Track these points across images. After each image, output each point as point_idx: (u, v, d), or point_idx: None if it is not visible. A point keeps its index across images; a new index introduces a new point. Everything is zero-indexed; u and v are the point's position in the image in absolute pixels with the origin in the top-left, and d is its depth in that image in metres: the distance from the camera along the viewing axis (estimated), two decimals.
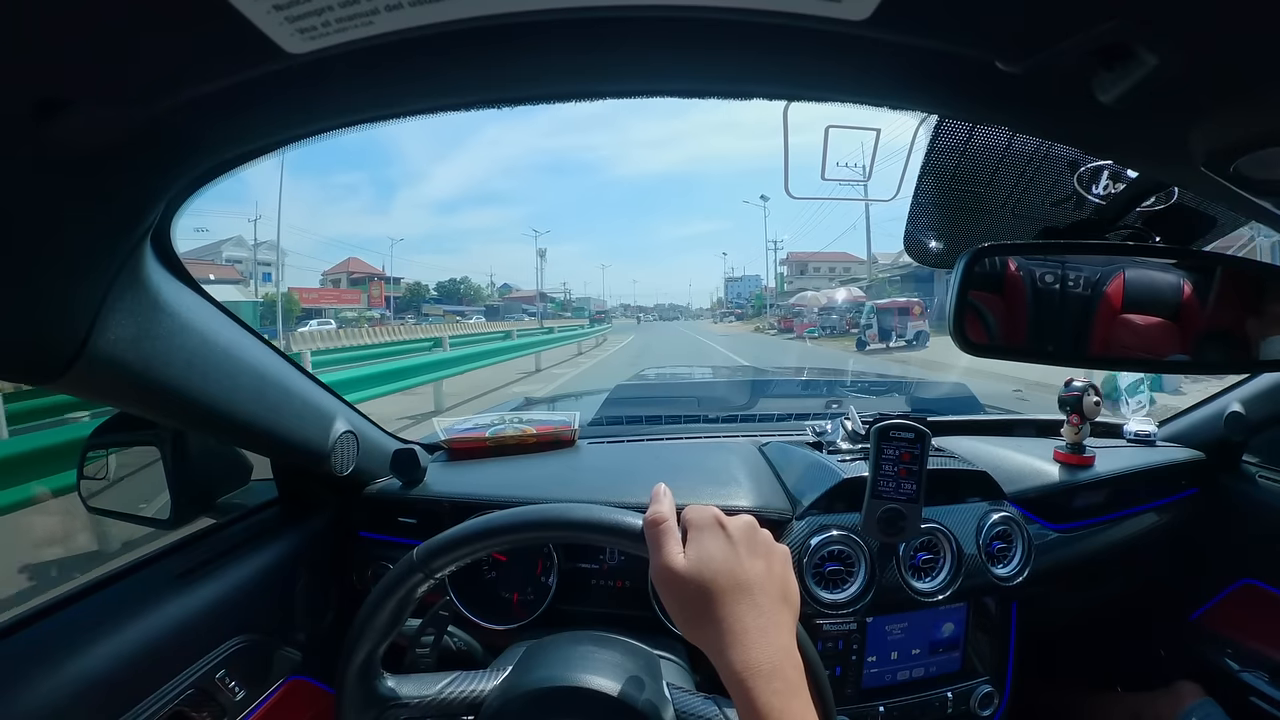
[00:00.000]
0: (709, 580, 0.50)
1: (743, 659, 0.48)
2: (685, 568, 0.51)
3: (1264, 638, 1.21)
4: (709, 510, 0.55)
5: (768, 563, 0.53)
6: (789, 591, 0.54)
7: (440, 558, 0.60)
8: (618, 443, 1.30)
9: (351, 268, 62.46)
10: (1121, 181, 0.61)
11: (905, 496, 0.95)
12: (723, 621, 0.49)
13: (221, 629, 0.74)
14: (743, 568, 0.51)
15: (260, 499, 0.97)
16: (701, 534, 0.53)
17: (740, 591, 0.50)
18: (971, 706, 1.03)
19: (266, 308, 30.37)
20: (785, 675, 0.48)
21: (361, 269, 63.29)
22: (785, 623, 0.51)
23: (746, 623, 0.49)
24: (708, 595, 0.50)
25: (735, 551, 0.52)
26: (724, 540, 0.53)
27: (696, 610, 0.50)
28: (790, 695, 0.47)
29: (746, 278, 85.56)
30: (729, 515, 0.55)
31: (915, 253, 0.82)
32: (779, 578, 0.53)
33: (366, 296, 55.40)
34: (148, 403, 0.58)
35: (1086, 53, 0.27)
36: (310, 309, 45.87)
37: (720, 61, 0.33)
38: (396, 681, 0.64)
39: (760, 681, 0.47)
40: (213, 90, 0.29)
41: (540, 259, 79.89)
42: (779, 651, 0.49)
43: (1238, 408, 1.23)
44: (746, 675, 0.47)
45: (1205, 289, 0.61)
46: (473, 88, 0.34)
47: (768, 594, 0.51)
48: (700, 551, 0.52)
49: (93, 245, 0.42)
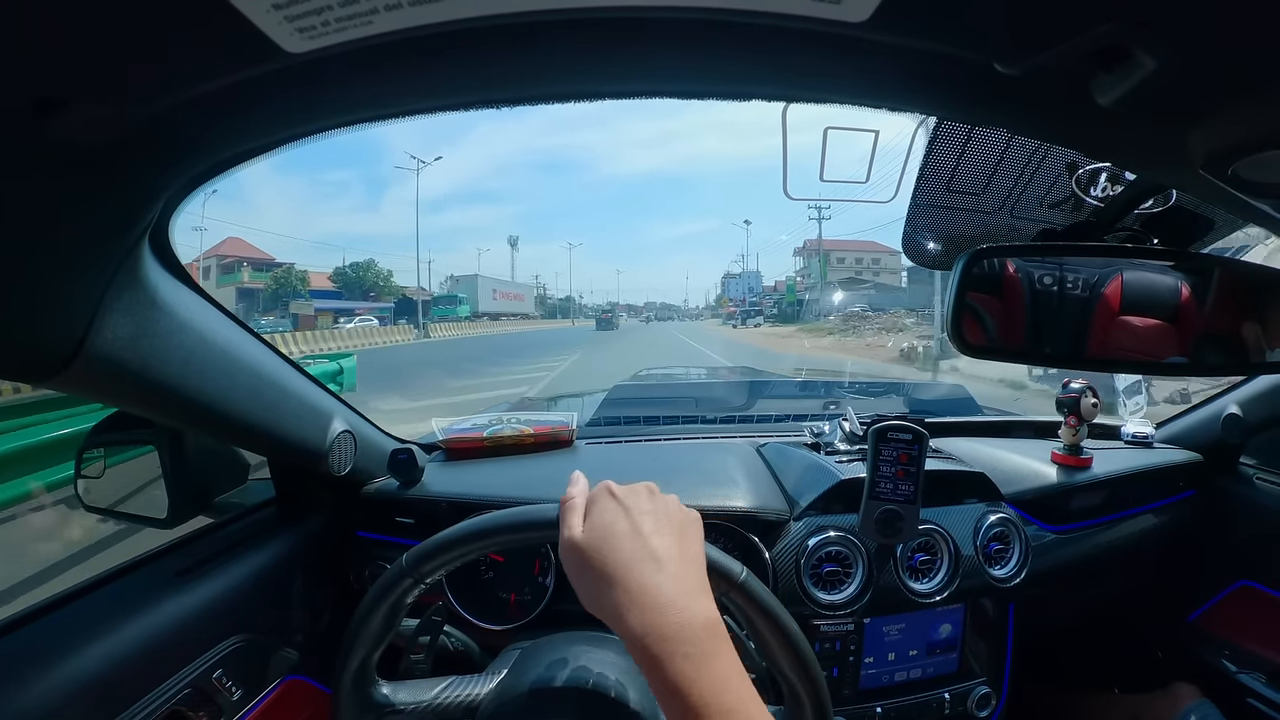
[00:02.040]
0: (604, 546, 0.49)
1: (642, 621, 0.44)
2: (581, 537, 0.50)
3: (1261, 639, 1.21)
4: (604, 483, 0.54)
5: (672, 526, 0.51)
6: (693, 545, 0.51)
7: (429, 562, 0.60)
8: (616, 443, 1.30)
9: (226, 250, 44.06)
10: (1120, 184, 0.61)
11: (903, 497, 0.95)
12: (620, 585, 0.46)
13: (219, 628, 0.74)
14: (642, 533, 0.49)
15: (257, 498, 0.97)
16: (595, 505, 0.52)
17: (640, 555, 0.48)
18: (969, 707, 1.03)
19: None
20: (695, 639, 0.44)
21: (240, 252, 45.18)
22: (694, 584, 0.48)
23: (646, 584, 0.46)
24: (605, 562, 0.48)
25: (632, 518, 0.50)
26: (617, 507, 0.51)
27: (595, 578, 0.48)
28: (704, 660, 0.43)
29: (747, 273, 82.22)
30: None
31: (913, 254, 0.82)
32: (689, 541, 0.51)
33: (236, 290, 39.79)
34: (145, 401, 0.58)
35: (1085, 55, 0.27)
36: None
37: (719, 62, 0.33)
38: (392, 688, 0.64)
39: (665, 645, 0.43)
40: (212, 89, 0.29)
41: (512, 248, 73.50)
42: (687, 613, 0.45)
43: (1235, 410, 1.24)
44: (648, 639, 0.44)
45: (1203, 291, 0.61)
46: (471, 88, 0.34)
47: (673, 556, 0.49)
48: (596, 520, 0.51)
49: (91, 243, 0.42)
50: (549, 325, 46.66)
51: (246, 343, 0.68)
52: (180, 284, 0.57)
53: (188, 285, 0.58)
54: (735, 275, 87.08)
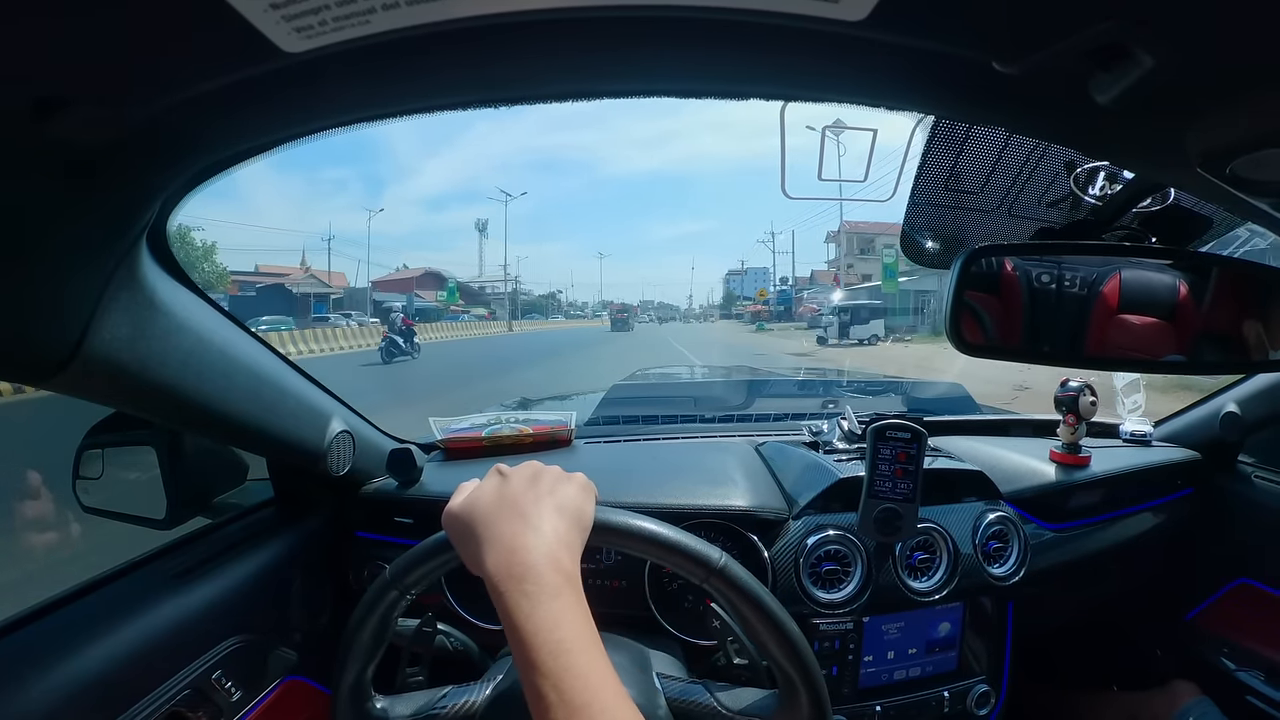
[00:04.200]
0: (475, 506, 0.53)
1: (494, 560, 0.48)
2: (459, 504, 0.54)
3: (1260, 637, 1.21)
4: (496, 465, 0.57)
5: (547, 483, 0.55)
6: (566, 504, 0.54)
7: (412, 573, 0.60)
8: (614, 443, 1.29)
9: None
10: (1118, 182, 0.61)
11: (901, 496, 0.95)
12: (484, 536, 0.50)
13: (218, 629, 0.74)
14: (510, 490, 0.54)
15: (256, 499, 0.97)
16: (483, 481, 0.56)
17: (504, 507, 0.52)
18: (968, 706, 1.03)
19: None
20: (539, 578, 0.47)
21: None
22: (552, 530, 0.51)
23: (504, 530, 0.50)
24: (474, 519, 0.52)
25: (506, 481, 0.54)
26: (496, 477, 0.55)
27: (469, 535, 0.52)
28: (543, 598, 0.46)
29: (752, 270, 79.45)
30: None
31: (912, 253, 0.82)
32: (557, 494, 0.54)
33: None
34: (143, 402, 0.58)
35: (1083, 54, 0.27)
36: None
37: (717, 61, 0.33)
38: (389, 702, 0.64)
39: (510, 583, 0.46)
40: (210, 89, 0.29)
41: (480, 233, 62.41)
42: (537, 554, 0.48)
43: (1233, 408, 1.24)
44: (497, 578, 0.47)
45: (1201, 289, 0.61)
46: (469, 87, 0.34)
47: (537, 505, 0.52)
48: (475, 491, 0.55)
49: (89, 244, 0.42)
50: (495, 331, 33.45)
51: (244, 343, 0.68)
52: (178, 284, 0.57)
53: (186, 285, 0.58)
54: (739, 272, 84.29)
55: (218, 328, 0.63)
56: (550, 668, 0.43)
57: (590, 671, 0.44)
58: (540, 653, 0.43)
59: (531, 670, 0.43)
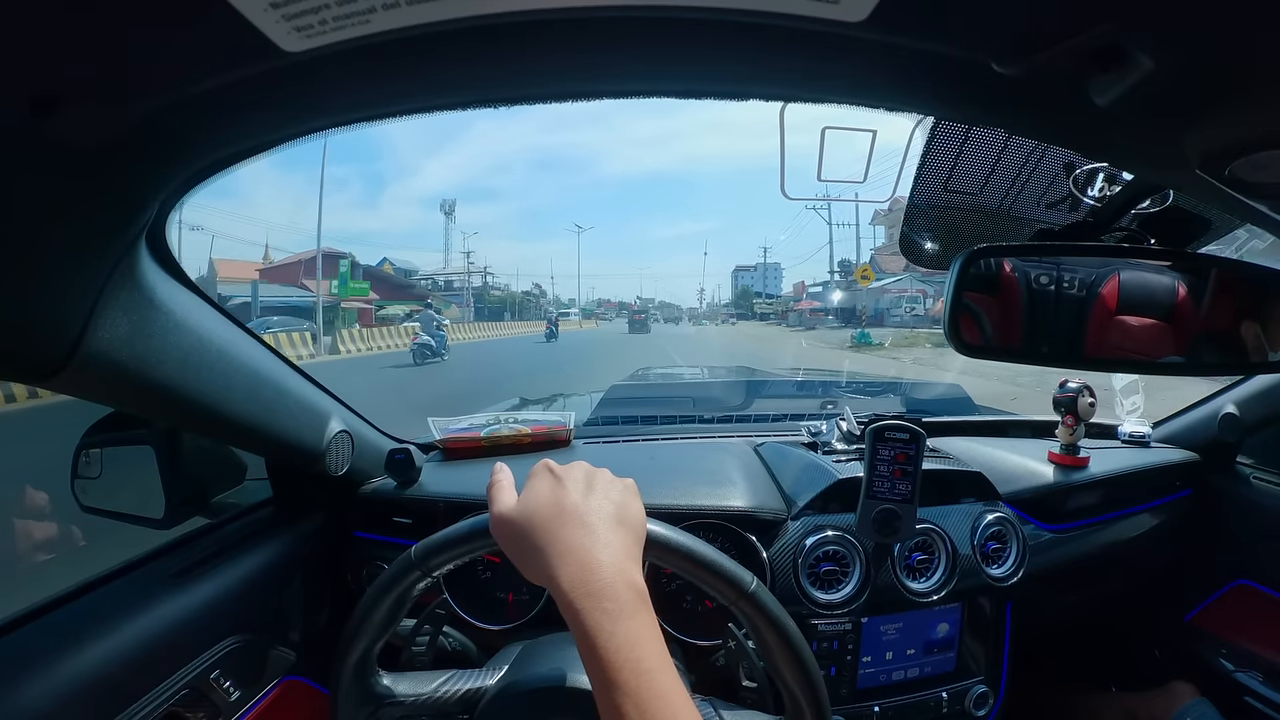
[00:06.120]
0: (534, 513, 0.51)
1: (569, 577, 0.47)
2: (512, 508, 0.52)
3: (1258, 638, 1.22)
4: (543, 461, 0.56)
5: (601, 489, 0.54)
6: (627, 516, 0.53)
7: (438, 556, 0.60)
8: (613, 443, 1.29)
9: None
10: (1117, 184, 0.61)
11: (900, 497, 0.95)
12: (550, 546, 0.49)
13: (216, 629, 0.74)
14: (570, 497, 0.52)
15: (255, 498, 0.97)
16: (531, 480, 0.54)
17: (566, 516, 0.50)
18: (966, 706, 1.03)
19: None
20: (617, 595, 0.46)
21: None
22: (620, 544, 0.50)
23: (572, 543, 0.49)
24: (534, 527, 0.50)
25: (562, 485, 0.53)
26: (550, 479, 0.54)
27: (529, 545, 0.50)
28: (622, 616, 0.45)
29: (764, 265, 76.69)
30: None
31: (911, 254, 0.82)
32: (615, 503, 0.53)
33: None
34: (142, 401, 0.58)
35: (1082, 55, 0.27)
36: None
37: (717, 62, 0.33)
38: (392, 679, 0.64)
39: (589, 601, 0.45)
40: (209, 88, 0.29)
41: (447, 217, 56.79)
42: (611, 570, 0.47)
43: (1232, 409, 1.24)
44: (573, 594, 0.46)
45: (1200, 291, 0.61)
46: (469, 87, 0.34)
47: (600, 516, 0.51)
48: (528, 493, 0.53)
49: (87, 243, 0.42)
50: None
51: (243, 342, 0.68)
52: (177, 283, 0.56)
53: (184, 285, 0.58)
54: (748, 268, 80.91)
55: (217, 327, 0.63)
56: (633, 687, 0.43)
57: (670, 691, 0.44)
58: (623, 672, 0.43)
59: (613, 689, 0.43)
